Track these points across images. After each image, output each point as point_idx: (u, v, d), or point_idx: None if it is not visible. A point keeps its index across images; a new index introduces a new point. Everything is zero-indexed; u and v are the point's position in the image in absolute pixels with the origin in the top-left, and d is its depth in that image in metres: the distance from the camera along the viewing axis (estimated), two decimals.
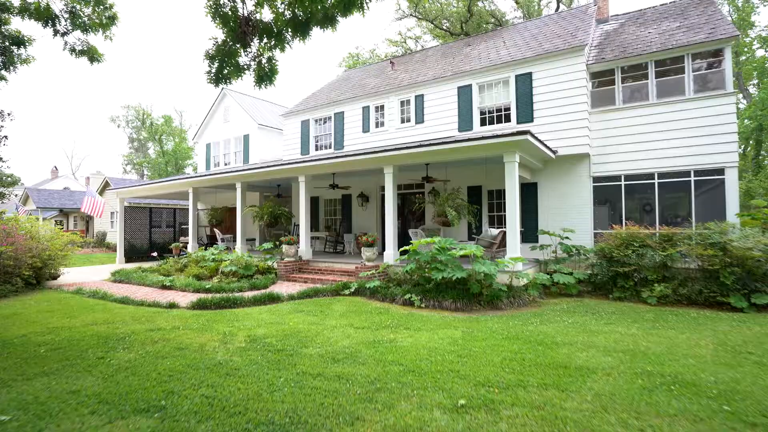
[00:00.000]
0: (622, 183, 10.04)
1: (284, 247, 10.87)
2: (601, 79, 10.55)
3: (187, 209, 14.42)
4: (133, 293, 8.92)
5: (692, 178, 9.24)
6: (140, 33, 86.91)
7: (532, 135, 8.06)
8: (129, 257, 17.04)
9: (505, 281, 7.82)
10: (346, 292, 8.44)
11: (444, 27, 22.77)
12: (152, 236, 19.13)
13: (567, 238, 9.47)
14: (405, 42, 25.24)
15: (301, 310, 7.11)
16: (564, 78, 10.28)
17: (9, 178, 16.95)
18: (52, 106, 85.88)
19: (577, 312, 6.84)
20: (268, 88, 4.43)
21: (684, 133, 9.30)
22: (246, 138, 20.03)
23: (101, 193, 27.87)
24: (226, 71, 4.15)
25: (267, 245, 11.43)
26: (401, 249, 8.23)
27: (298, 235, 11.65)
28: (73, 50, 6.53)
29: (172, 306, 7.52)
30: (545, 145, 9.16)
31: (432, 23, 22.70)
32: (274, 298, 7.89)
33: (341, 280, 9.31)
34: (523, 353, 4.48)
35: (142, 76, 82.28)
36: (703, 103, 9.17)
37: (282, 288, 9.20)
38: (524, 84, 10.89)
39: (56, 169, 49.28)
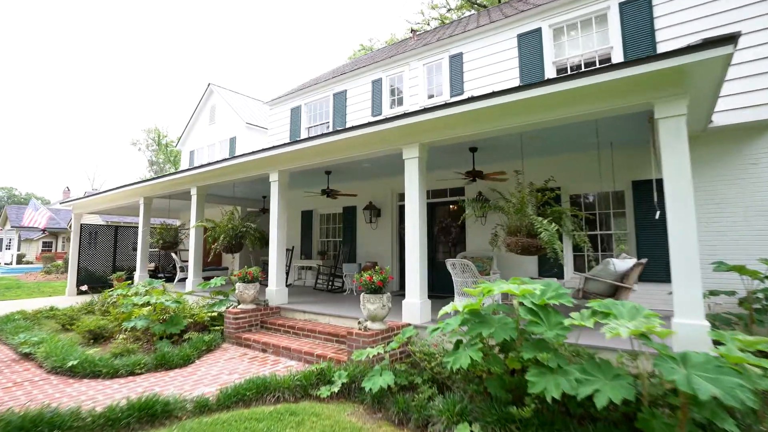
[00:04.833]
0: None
1: (238, 287, 6.56)
2: None
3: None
4: None
5: None
6: (153, 52, 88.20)
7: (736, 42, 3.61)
8: (85, 286, 13.26)
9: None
10: (324, 392, 3.97)
11: (478, 1, 18.61)
12: (116, 261, 15.37)
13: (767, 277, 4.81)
14: (428, 24, 21.41)
15: None
16: None
17: None
18: (77, 130, 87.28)
19: None
20: None
21: None
22: (233, 141, 16.32)
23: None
24: None
25: (216, 281, 7.15)
26: (445, 310, 3.72)
27: (289, 264, 7.33)
28: None
29: None
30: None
31: None
32: (154, 416, 3.51)
33: (324, 354, 4.90)
34: None
35: (158, 98, 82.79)
36: None
37: (210, 369, 4.84)
38: (636, 14, 6.52)
39: (68, 189, 47.54)
